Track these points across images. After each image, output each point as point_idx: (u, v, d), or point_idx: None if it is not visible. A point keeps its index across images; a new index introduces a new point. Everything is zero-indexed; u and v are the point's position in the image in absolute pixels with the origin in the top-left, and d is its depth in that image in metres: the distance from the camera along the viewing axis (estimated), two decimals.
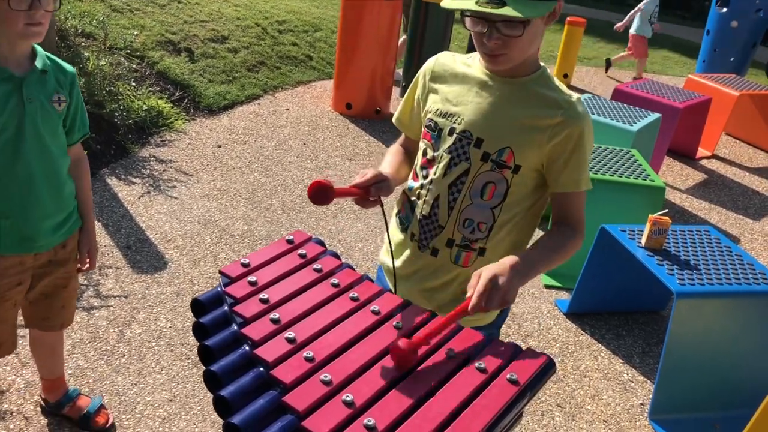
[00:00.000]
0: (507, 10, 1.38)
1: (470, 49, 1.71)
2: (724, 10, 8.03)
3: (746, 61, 8.30)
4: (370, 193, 1.54)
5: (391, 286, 1.76)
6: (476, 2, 1.40)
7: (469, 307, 1.34)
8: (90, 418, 2.37)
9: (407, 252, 1.70)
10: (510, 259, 1.41)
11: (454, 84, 1.63)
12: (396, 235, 1.75)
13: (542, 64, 1.61)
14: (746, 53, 8.23)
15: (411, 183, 1.70)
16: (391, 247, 1.72)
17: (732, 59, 8.14)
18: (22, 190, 1.88)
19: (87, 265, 2.21)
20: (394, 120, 1.84)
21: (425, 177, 1.65)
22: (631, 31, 8.72)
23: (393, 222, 1.76)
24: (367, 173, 1.55)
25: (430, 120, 1.65)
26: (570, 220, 1.61)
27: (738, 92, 6.20)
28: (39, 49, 1.92)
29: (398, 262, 1.72)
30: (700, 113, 5.94)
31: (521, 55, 1.51)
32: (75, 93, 2.00)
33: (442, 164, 1.61)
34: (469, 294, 1.36)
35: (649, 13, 8.60)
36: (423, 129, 1.68)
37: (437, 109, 1.64)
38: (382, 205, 1.58)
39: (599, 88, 8.49)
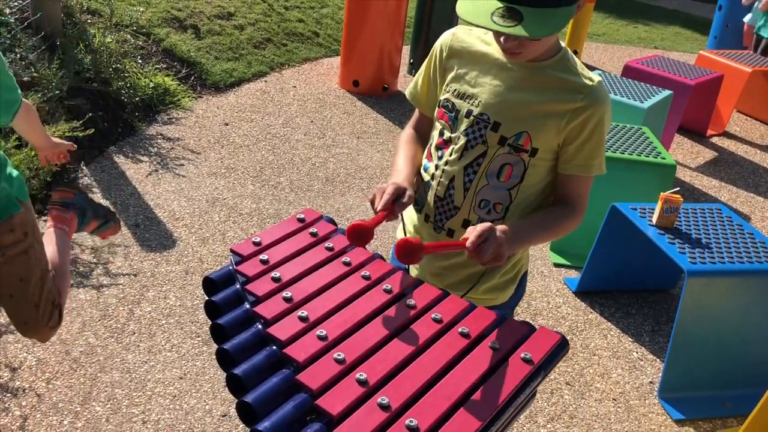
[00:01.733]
0: (519, 30, 1.33)
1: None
2: None
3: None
4: (395, 212, 1.50)
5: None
6: (491, 18, 1.35)
7: (467, 243, 1.34)
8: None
9: (423, 233, 1.69)
10: (507, 223, 1.44)
11: (472, 63, 1.59)
12: (411, 215, 1.73)
13: (563, 44, 1.58)
14: None
15: (426, 163, 1.68)
16: (404, 226, 1.72)
17: None
18: None
19: (62, 158, 2.21)
20: (408, 95, 1.77)
21: (440, 158, 1.62)
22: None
23: None
24: (385, 190, 1.48)
25: (447, 101, 1.61)
26: (573, 202, 1.59)
27: (750, 68, 6.12)
28: None
29: None
30: (711, 90, 5.87)
31: (539, 51, 1.49)
32: None
33: (458, 146, 1.58)
34: (465, 236, 1.36)
35: None
36: (439, 109, 1.64)
37: (455, 89, 1.60)
38: (403, 219, 1.60)
39: (609, 64, 8.39)
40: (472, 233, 1.35)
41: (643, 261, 3.51)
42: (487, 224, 1.37)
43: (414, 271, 1.72)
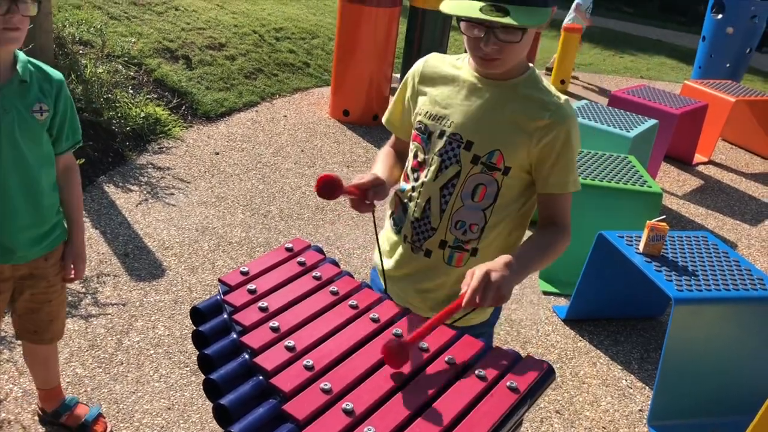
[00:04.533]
0: (509, 20, 1.39)
1: None
2: (720, 16, 8.08)
3: (742, 67, 8.34)
4: (367, 195, 1.55)
5: (385, 287, 1.77)
6: (480, 10, 1.41)
7: (463, 302, 1.34)
8: (88, 427, 2.36)
9: (401, 253, 1.71)
10: (503, 258, 1.42)
11: (443, 86, 1.65)
12: (390, 236, 1.75)
13: (530, 64, 1.63)
14: (742, 59, 8.27)
15: (403, 185, 1.72)
16: (379, 248, 1.75)
17: (728, 65, 8.18)
18: None
19: (72, 275, 2.14)
20: (384, 121, 1.84)
21: (416, 179, 1.66)
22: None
23: (387, 223, 1.77)
24: (364, 177, 1.56)
25: (420, 123, 1.66)
26: (558, 221, 1.61)
27: (734, 98, 6.22)
28: (21, 55, 1.87)
29: (392, 263, 1.73)
30: (696, 119, 5.96)
31: (515, 59, 1.53)
32: (62, 101, 1.94)
33: (433, 167, 1.62)
34: (463, 290, 1.36)
35: (585, 8, 8.54)
36: (413, 131, 1.69)
37: (426, 112, 1.65)
38: (373, 212, 1.59)
39: (595, 94, 8.52)
40: (468, 288, 1.34)
41: (630, 289, 3.54)
42: (482, 270, 1.36)
43: (396, 291, 1.73)
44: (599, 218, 3.63)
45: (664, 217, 3.23)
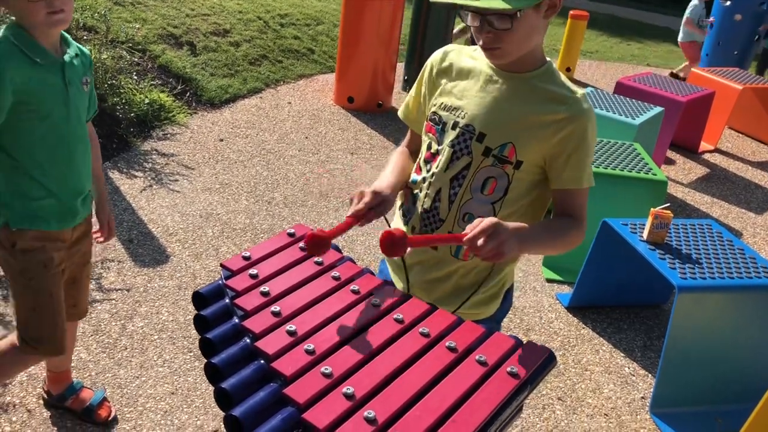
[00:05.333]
0: (487, 2, 1.36)
1: (473, 43, 1.70)
2: (728, 2, 8.01)
3: (749, 55, 8.27)
4: (370, 217, 1.52)
5: (393, 277, 1.77)
6: None
7: (464, 239, 1.35)
8: (93, 411, 2.38)
9: None
10: (514, 222, 1.43)
11: (460, 78, 1.63)
12: (399, 227, 1.75)
13: (548, 59, 1.60)
14: (750, 47, 8.20)
15: (414, 176, 1.70)
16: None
17: (735, 52, 8.12)
18: (65, 169, 1.95)
19: (106, 235, 2.25)
20: (400, 114, 1.82)
21: (428, 170, 1.64)
22: (679, 40, 8.42)
23: (397, 215, 1.77)
24: (364, 195, 1.51)
25: (435, 113, 1.64)
26: (576, 214, 1.60)
27: (741, 86, 6.18)
28: (65, 34, 1.97)
29: None
30: (703, 107, 5.93)
31: (517, 49, 1.50)
32: (91, 73, 2.07)
33: (444, 158, 1.60)
34: (466, 232, 1.36)
35: (697, 18, 8.27)
36: (427, 122, 1.67)
37: (442, 103, 1.63)
38: (388, 222, 1.60)
39: (601, 81, 8.47)
40: (474, 228, 1.35)
41: (634, 276, 3.53)
42: (494, 219, 1.37)
43: (400, 285, 1.73)
44: (603, 205, 3.61)
45: (668, 204, 3.22)
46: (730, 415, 2.90)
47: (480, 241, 1.34)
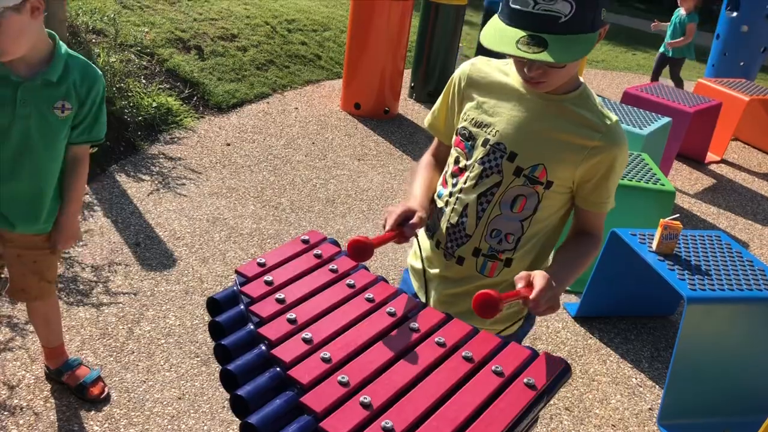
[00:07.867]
0: (545, 56, 1.34)
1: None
2: (735, 14, 8.00)
3: (756, 66, 8.26)
4: (404, 234, 1.52)
5: (416, 288, 1.76)
6: (516, 45, 1.36)
7: (531, 295, 1.33)
8: (85, 388, 2.45)
9: (433, 259, 1.69)
10: (550, 267, 1.45)
11: (491, 93, 1.60)
12: (423, 241, 1.74)
13: (582, 80, 1.59)
14: (756, 58, 8.19)
15: (440, 190, 1.68)
16: (421, 253, 1.73)
17: (742, 64, 8.11)
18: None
19: (59, 247, 2.24)
20: (426, 124, 1.79)
21: (455, 185, 1.63)
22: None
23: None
24: (394, 212, 1.52)
25: (464, 129, 1.62)
26: (594, 232, 1.64)
27: (748, 97, 6.17)
28: (61, 51, 1.97)
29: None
30: (710, 118, 5.92)
31: (563, 80, 1.50)
32: (90, 99, 2.05)
33: (473, 174, 1.59)
34: (520, 286, 1.36)
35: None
36: (456, 137, 1.65)
37: (472, 118, 1.61)
38: (417, 236, 1.60)
39: (607, 90, 8.47)
40: (536, 288, 1.34)
41: (642, 287, 3.52)
42: (546, 276, 1.37)
43: (422, 297, 1.73)
44: (612, 216, 3.56)
45: (677, 215, 3.21)
46: (738, 427, 2.89)
47: (543, 300, 1.35)
